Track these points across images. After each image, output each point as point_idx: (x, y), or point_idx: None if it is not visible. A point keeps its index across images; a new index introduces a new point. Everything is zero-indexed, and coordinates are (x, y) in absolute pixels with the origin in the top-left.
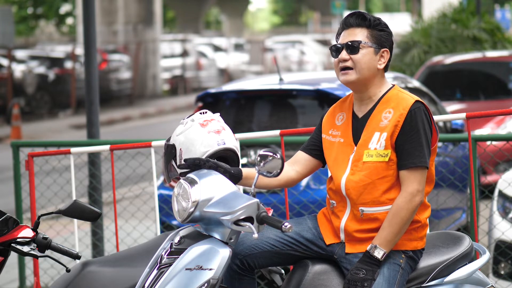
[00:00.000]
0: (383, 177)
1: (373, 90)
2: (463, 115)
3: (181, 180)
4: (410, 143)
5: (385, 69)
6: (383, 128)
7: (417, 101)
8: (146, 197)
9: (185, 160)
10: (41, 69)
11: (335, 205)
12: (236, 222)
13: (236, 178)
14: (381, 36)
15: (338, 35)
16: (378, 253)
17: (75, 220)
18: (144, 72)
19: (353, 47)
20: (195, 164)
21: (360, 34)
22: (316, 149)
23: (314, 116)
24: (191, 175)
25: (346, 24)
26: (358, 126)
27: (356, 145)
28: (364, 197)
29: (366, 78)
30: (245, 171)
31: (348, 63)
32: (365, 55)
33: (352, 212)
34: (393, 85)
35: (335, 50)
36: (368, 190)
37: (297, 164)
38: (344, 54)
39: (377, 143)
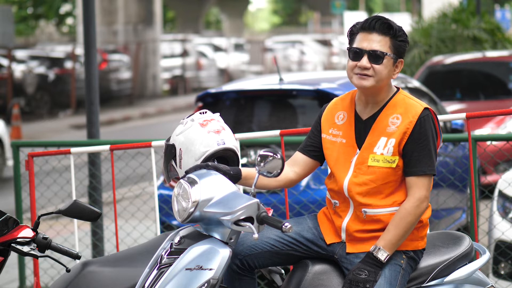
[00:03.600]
0: (388, 182)
1: (382, 96)
2: (463, 115)
3: (181, 180)
4: (419, 151)
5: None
6: (391, 134)
7: (425, 108)
8: (146, 197)
9: (186, 172)
10: (41, 69)
11: (338, 204)
12: (236, 222)
13: (235, 178)
14: (401, 46)
15: (353, 34)
16: (382, 255)
17: (75, 220)
18: (144, 72)
19: (377, 57)
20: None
21: (383, 43)
22: (313, 150)
23: (314, 116)
24: (191, 175)
25: (369, 27)
26: (361, 128)
27: (359, 148)
28: (368, 199)
29: (382, 85)
30: (245, 171)
31: (369, 72)
32: (387, 66)
33: (355, 212)
34: (398, 89)
35: (354, 53)
36: (372, 193)
37: (295, 165)
38: (365, 62)
39: (384, 149)
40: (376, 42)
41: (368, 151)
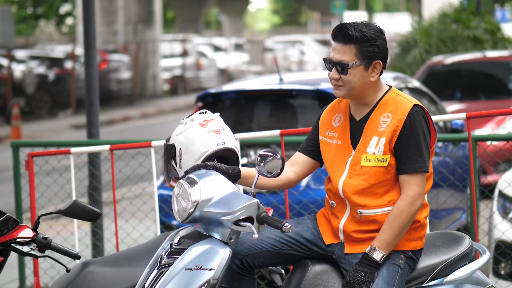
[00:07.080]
0: (382, 181)
1: (369, 98)
2: (463, 115)
3: (181, 180)
4: (409, 148)
5: (380, 74)
6: (382, 132)
7: (415, 105)
8: (146, 197)
9: (186, 172)
10: (41, 69)
11: (335, 205)
12: (236, 222)
13: (234, 177)
14: (371, 51)
15: (332, 39)
16: (377, 255)
17: (75, 220)
18: (144, 72)
19: (342, 68)
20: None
21: (348, 52)
22: (313, 150)
23: (314, 116)
24: (191, 175)
25: (334, 37)
26: (356, 129)
27: (354, 149)
28: (363, 200)
29: (359, 92)
30: (244, 170)
31: (339, 82)
32: (355, 75)
33: (351, 213)
34: (390, 87)
35: (327, 63)
36: (366, 193)
37: (295, 165)
38: (335, 74)
39: (375, 148)
40: (341, 52)
41: (361, 152)
